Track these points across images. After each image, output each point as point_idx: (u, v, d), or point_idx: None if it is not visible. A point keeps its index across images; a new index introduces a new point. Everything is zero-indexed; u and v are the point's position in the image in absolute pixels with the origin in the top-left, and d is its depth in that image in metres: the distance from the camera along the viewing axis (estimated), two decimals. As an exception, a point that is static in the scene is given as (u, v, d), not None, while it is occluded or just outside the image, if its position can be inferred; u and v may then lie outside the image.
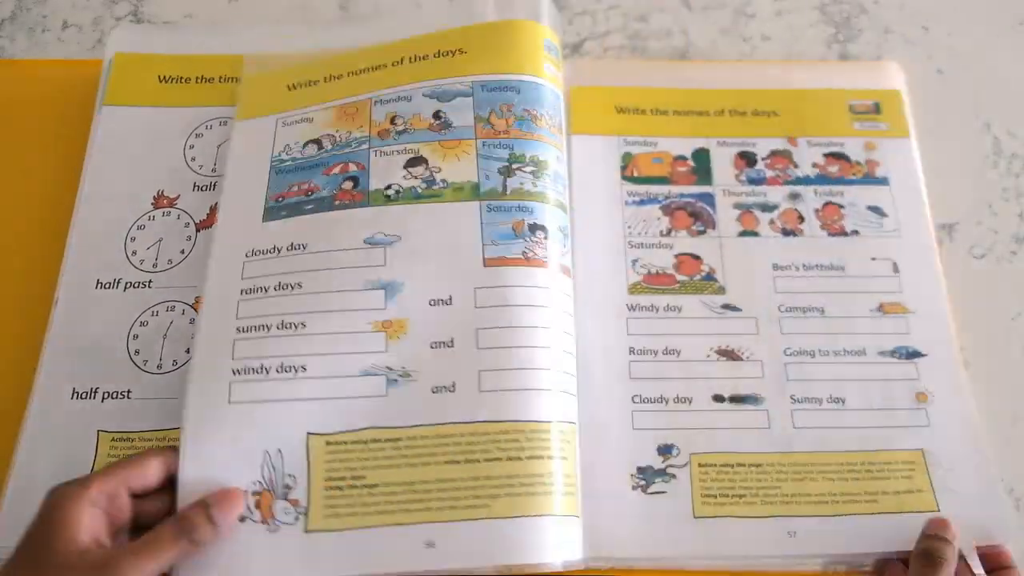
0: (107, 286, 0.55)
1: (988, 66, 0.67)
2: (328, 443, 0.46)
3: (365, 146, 0.55)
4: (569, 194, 0.57)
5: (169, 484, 0.46)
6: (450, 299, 0.49)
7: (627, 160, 0.60)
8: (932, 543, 0.47)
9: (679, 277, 0.56)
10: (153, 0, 0.68)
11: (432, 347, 0.48)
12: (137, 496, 0.45)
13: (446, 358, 0.48)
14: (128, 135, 0.59)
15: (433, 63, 0.57)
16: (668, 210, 0.58)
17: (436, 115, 0.55)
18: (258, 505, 0.45)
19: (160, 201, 0.57)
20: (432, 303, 0.49)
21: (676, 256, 0.57)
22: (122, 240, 0.56)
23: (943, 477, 0.51)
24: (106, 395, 0.52)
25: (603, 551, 0.49)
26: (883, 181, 0.59)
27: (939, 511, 0.50)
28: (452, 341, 0.48)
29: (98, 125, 0.59)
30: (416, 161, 0.53)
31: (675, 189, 0.59)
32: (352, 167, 0.54)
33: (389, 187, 0.53)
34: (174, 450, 0.46)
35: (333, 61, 0.59)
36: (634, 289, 0.56)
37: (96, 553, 0.41)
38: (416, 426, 0.47)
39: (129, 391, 0.52)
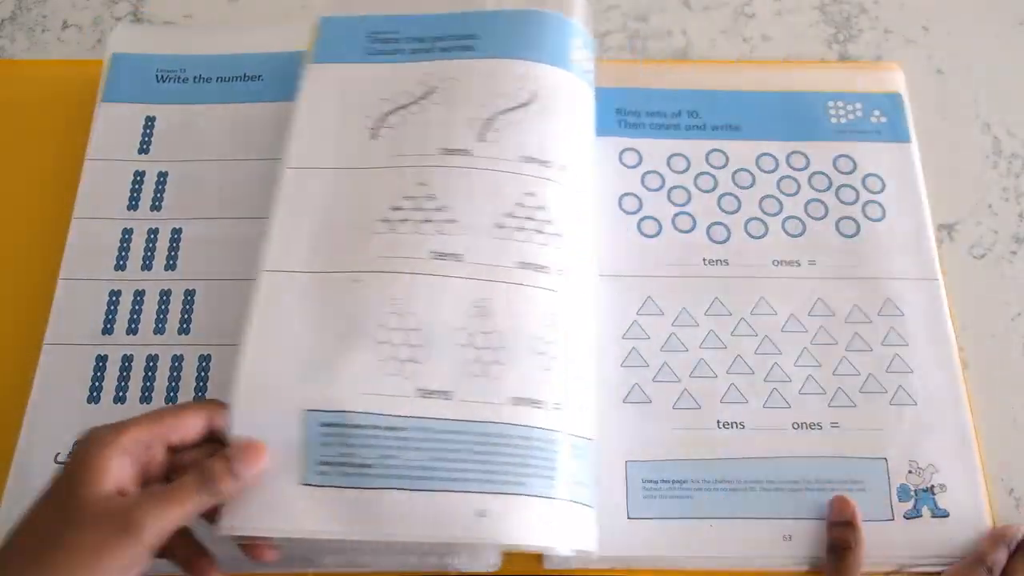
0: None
1: (988, 66, 0.66)
2: None
3: None
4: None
5: (210, 438, 0.44)
6: None
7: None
8: (836, 532, 0.48)
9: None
10: (153, 0, 0.68)
11: None
12: (176, 448, 0.43)
13: None
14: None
15: None
16: (670, 212, 0.58)
17: None
18: None
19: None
20: None
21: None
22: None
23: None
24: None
25: (607, 551, 0.48)
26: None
27: None
28: None
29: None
30: None
31: (677, 191, 0.59)
32: None
33: None
34: (218, 403, 0.45)
35: None
36: (634, 289, 0.56)
37: (116, 501, 0.39)
38: None
39: None
